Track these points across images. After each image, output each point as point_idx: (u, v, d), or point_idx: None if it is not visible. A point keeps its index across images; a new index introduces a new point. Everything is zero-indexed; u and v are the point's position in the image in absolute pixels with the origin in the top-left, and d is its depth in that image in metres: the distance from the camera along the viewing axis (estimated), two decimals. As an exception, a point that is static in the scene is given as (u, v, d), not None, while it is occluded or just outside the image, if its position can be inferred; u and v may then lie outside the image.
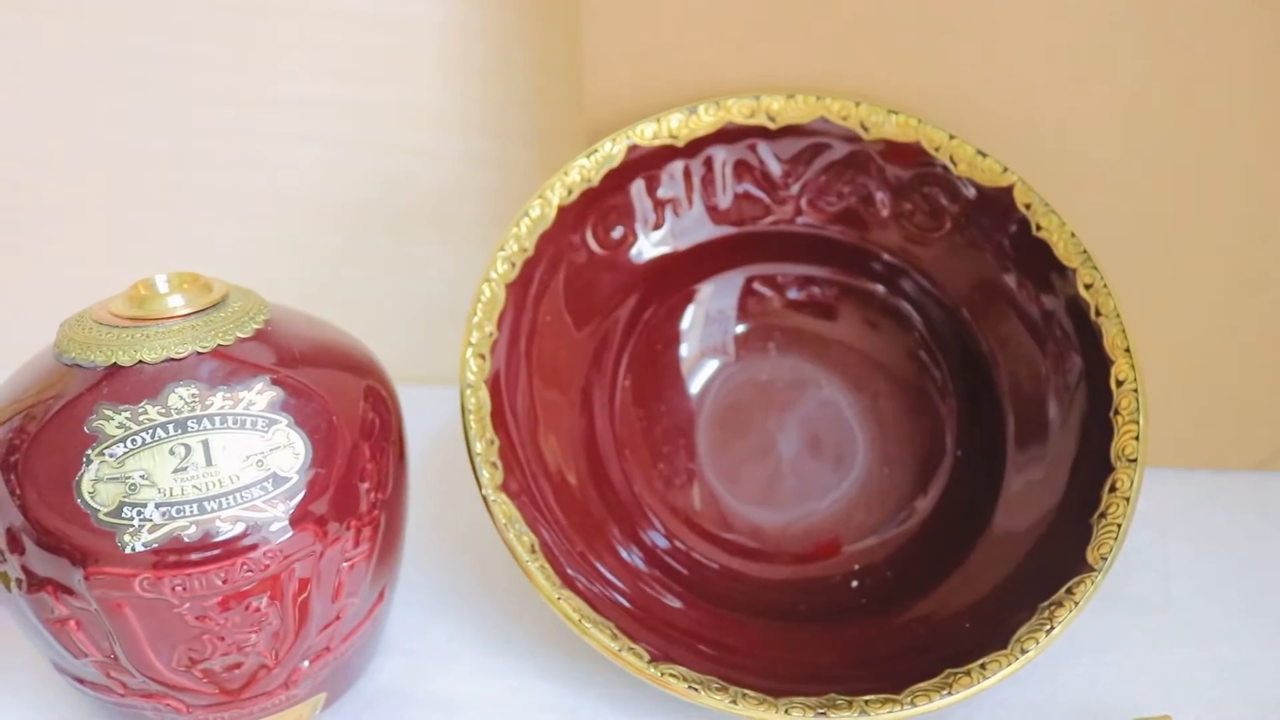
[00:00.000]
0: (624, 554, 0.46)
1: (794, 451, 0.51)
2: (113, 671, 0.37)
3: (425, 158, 0.61)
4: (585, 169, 0.48)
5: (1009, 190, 0.47)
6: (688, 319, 0.52)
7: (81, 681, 0.39)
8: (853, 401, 0.51)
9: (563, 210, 0.47)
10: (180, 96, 0.59)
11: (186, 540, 0.35)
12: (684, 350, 0.52)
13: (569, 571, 0.42)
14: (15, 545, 0.36)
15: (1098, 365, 0.45)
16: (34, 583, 0.36)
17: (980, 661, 0.41)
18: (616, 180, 0.49)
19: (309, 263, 0.46)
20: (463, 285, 0.62)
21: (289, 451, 0.37)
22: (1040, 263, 0.47)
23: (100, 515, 0.35)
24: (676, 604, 0.45)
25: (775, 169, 0.50)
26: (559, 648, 0.46)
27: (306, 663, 0.39)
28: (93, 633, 0.36)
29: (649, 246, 0.50)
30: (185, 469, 0.35)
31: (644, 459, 0.50)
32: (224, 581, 0.35)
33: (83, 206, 0.62)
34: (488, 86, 0.59)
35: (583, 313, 0.49)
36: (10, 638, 0.46)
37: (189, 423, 0.36)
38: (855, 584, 0.48)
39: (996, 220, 0.48)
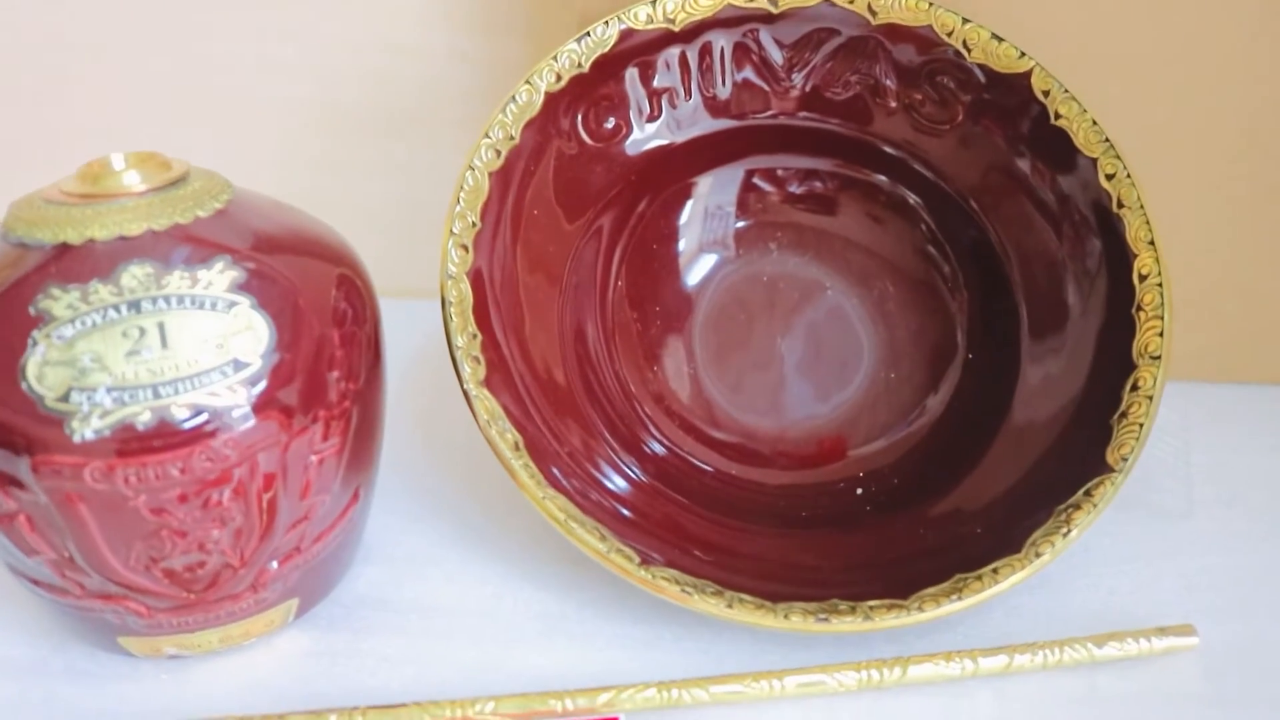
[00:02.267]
0: (616, 457, 0.43)
1: (796, 355, 0.48)
2: (68, 571, 0.35)
3: (410, 55, 0.58)
4: (575, 54, 0.45)
5: (1026, 76, 0.44)
6: (685, 215, 0.49)
7: (37, 583, 0.36)
8: (857, 301, 0.48)
9: (551, 97, 0.44)
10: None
11: (140, 427, 0.33)
12: (680, 247, 0.49)
13: (554, 471, 0.39)
14: (-42, 435, 0.33)
15: (1120, 260, 0.42)
16: (-20, 475, 0.33)
17: (992, 566, 0.39)
18: (609, 67, 0.46)
19: (287, 166, 0.44)
20: (448, 191, 0.59)
21: (251, 335, 0.34)
22: (1058, 151, 0.44)
23: (47, 401, 0.32)
24: (670, 509, 0.43)
25: (777, 56, 0.47)
26: (544, 553, 0.44)
27: (275, 564, 0.37)
28: (44, 529, 0.34)
29: (643, 138, 0.47)
30: (139, 352, 0.33)
31: (638, 360, 0.47)
32: (181, 472, 0.33)
33: (46, 102, 0.59)
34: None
35: (573, 206, 0.46)
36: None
37: (143, 303, 0.33)
38: (860, 490, 0.46)
39: (1012, 109, 0.45)
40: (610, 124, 0.47)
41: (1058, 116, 0.44)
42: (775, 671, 0.37)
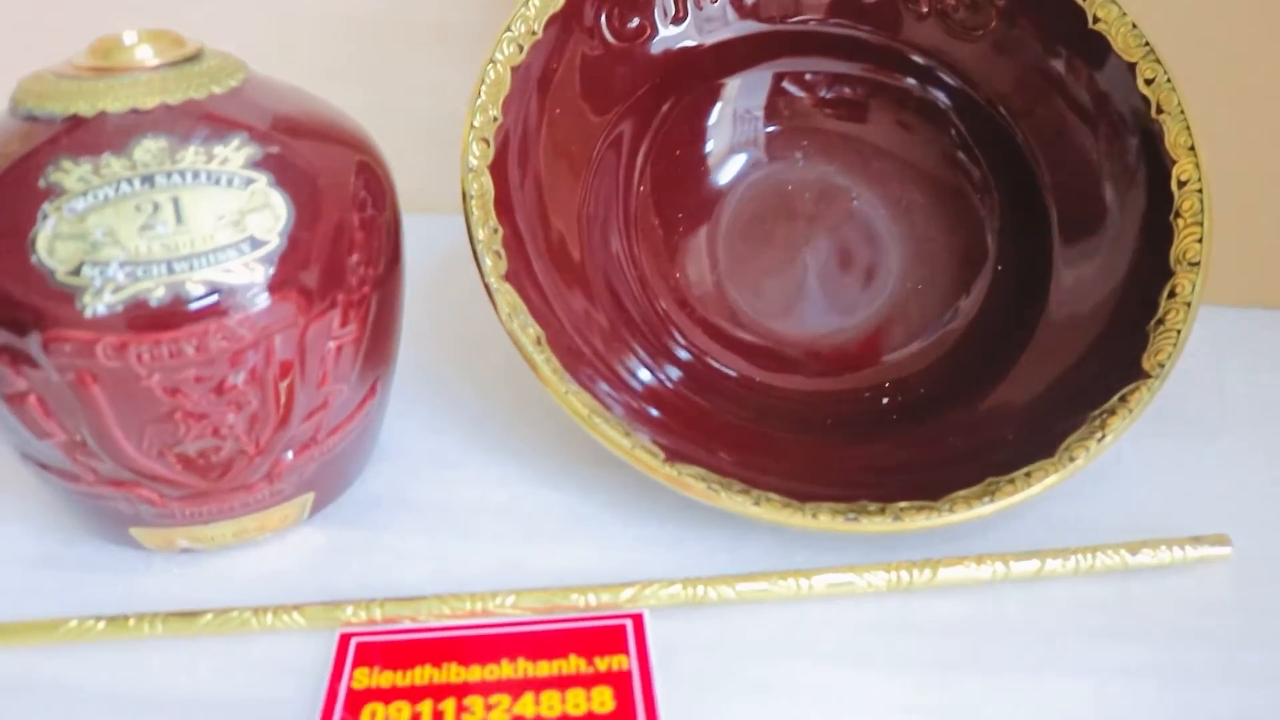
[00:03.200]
0: (639, 358, 0.42)
1: (821, 262, 0.47)
2: (80, 456, 0.34)
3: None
4: (601, -52, 0.43)
5: (1064, -23, 0.43)
6: (711, 118, 0.48)
7: (47, 468, 0.35)
8: (884, 209, 0.47)
9: (575, -9, 0.43)
10: None
11: (154, 303, 0.32)
12: (706, 151, 0.48)
13: (578, 367, 0.38)
14: (-32, 309, 0.32)
15: (1158, 166, 0.41)
16: (-10, 353, 0.32)
17: (1025, 470, 0.38)
18: (636, -37, 0.44)
19: (310, 79, 0.42)
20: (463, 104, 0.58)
21: (269, 213, 0.33)
22: (1096, 53, 0.42)
23: (58, 275, 0.31)
24: (694, 411, 0.42)
25: (807, -44, 0.46)
26: (565, 455, 0.43)
27: (290, 454, 0.36)
28: (56, 410, 0.33)
29: (669, 39, 0.46)
30: (153, 227, 0.32)
31: (661, 264, 0.46)
32: (196, 350, 0.32)
33: None
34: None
35: (595, 106, 0.45)
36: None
37: (157, 177, 0.32)
38: (886, 400, 0.45)
39: (1048, 12, 0.43)
40: (635, 23, 0.46)
41: (1096, 20, 0.43)
42: (803, 570, 0.36)
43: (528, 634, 0.34)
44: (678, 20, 0.46)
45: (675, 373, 0.44)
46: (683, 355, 0.45)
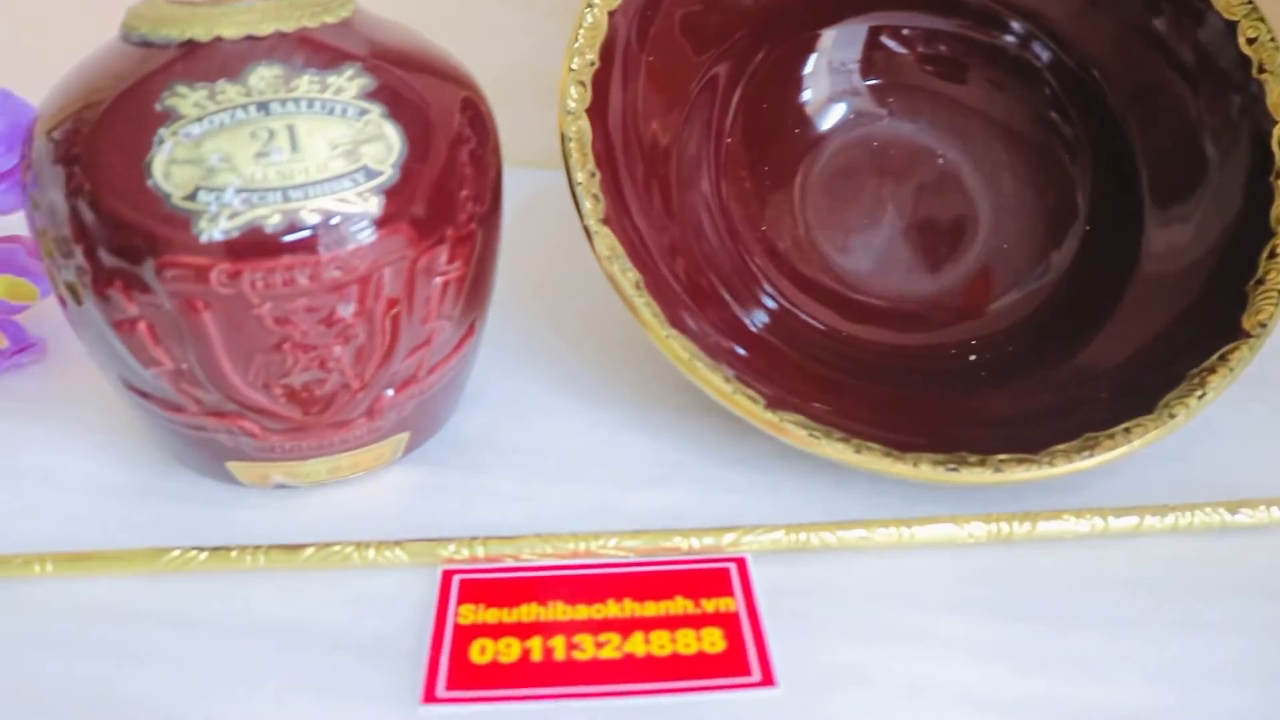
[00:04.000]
0: (732, 308, 0.42)
1: (908, 219, 0.46)
2: (185, 385, 0.34)
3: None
4: (698, -109, 0.43)
5: (1162, -69, 0.42)
6: (806, 68, 0.47)
7: (148, 397, 0.35)
8: (973, 167, 0.47)
9: (672, -65, 0.42)
10: None
11: (269, 230, 0.31)
12: (798, 104, 0.48)
13: (677, 311, 0.38)
14: (81, 236, 0.32)
15: (1258, 127, 0.40)
16: (102, 278, 0.32)
17: (1124, 425, 0.37)
18: (731, -91, 0.44)
19: None
20: (550, 56, 0.57)
21: (382, 144, 0.33)
22: (1195, 12, 0.42)
23: (174, 200, 0.31)
24: (786, 362, 0.41)
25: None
26: (656, 399, 0.42)
27: (391, 391, 0.36)
28: (165, 338, 0.33)
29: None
30: (268, 154, 0.32)
31: (750, 213, 0.46)
32: (310, 280, 0.32)
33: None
34: None
35: (688, 54, 0.44)
36: (80, 379, 0.43)
37: (272, 105, 0.32)
38: (973, 357, 0.44)
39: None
40: (728, -30, 0.45)
41: (1194, -26, 0.42)
42: (904, 520, 0.36)
43: (631, 575, 0.34)
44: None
45: (763, 322, 0.43)
46: (770, 305, 0.44)
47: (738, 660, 0.31)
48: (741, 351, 0.40)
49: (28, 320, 0.46)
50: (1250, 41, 0.41)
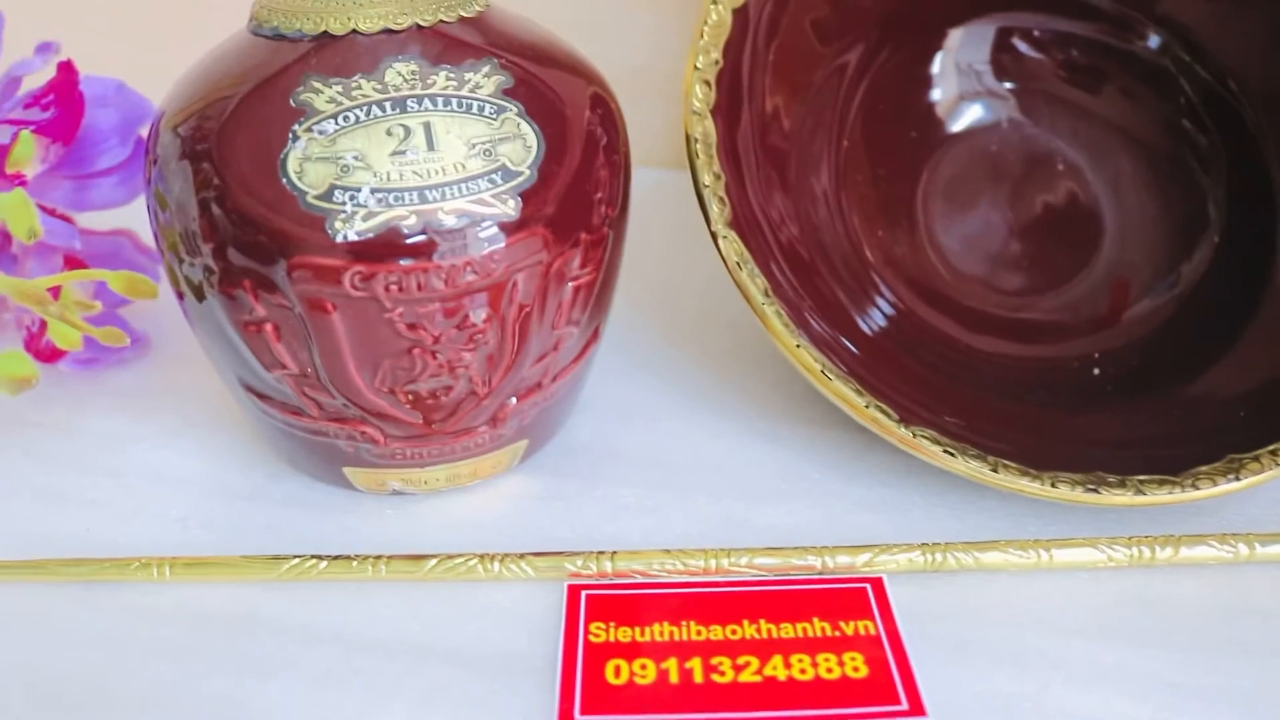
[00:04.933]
0: (850, 313, 0.41)
1: (1031, 227, 0.45)
2: (308, 389, 0.33)
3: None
4: (823, -115, 0.41)
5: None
6: (933, 67, 0.46)
7: (267, 400, 0.34)
8: (1099, 176, 0.45)
9: (797, -67, 0.41)
10: None
11: (405, 232, 0.30)
12: (920, 106, 0.46)
13: (807, 319, 0.37)
14: (211, 234, 0.31)
15: None
16: (230, 278, 0.31)
17: (1270, 448, 0.35)
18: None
19: None
20: (633, 48, 0.56)
21: (520, 143, 0.32)
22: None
23: (308, 198, 0.30)
24: (909, 373, 0.40)
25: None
26: (776, 410, 0.41)
27: (515, 399, 0.35)
28: (290, 340, 0.32)
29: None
30: (404, 152, 0.30)
31: (869, 218, 0.45)
32: (445, 284, 0.31)
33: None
34: None
35: (810, 53, 0.43)
36: (189, 375, 0.42)
37: (409, 102, 0.31)
38: (1097, 371, 0.43)
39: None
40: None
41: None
42: (1043, 541, 0.35)
43: (764, 594, 0.33)
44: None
45: (883, 330, 0.42)
46: (889, 311, 0.43)
47: (884, 687, 0.30)
48: (862, 358, 0.38)
49: (130, 315, 0.45)
50: None
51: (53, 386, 0.43)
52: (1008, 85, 0.46)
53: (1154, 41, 0.44)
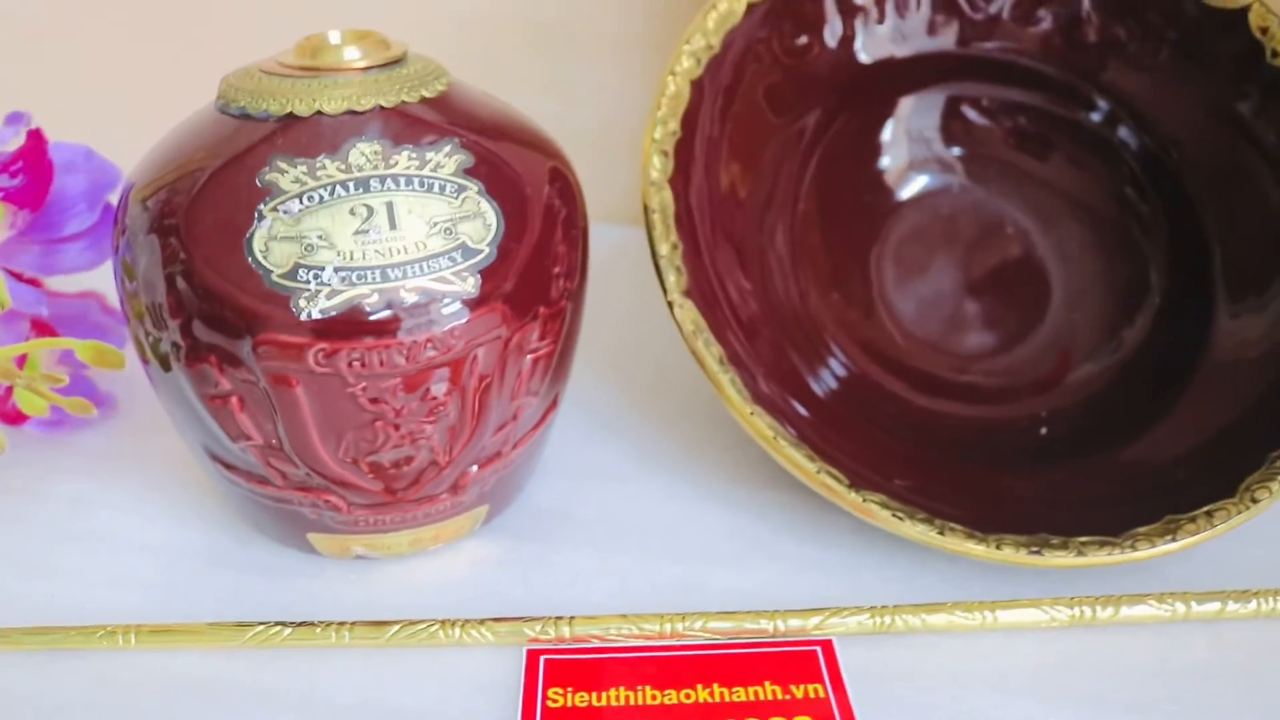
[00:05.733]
0: (804, 376, 0.42)
1: (980, 290, 0.46)
2: (273, 460, 0.34)
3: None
4: (777, -35, 0.43)
5: (1242, 12, 0.42)
6: (883, 136, 0.47)
7: (233, 470, 0.35)
8: (1046, 240, 0.47)
9: (751, 7, 0.43)
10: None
11: (368, 310, 0.31)
12: (872, 172, 0.48)
13: (760, 386, 0.38)
14: (178, 309, 0.32)
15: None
16: (196, 353, 0.32)
17: (1205, 509, 0.37)
18: (808, -19, 0.44)
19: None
20: (602, 111, 0.58)
21: (480, 221, 0.33)
22: (1274, 93, 0.42)
23: (273, 277, 0.31)
24: (861, 435, 0.41)
25: (975, -19, 0.45)
26: (732, 474, 0.42)
27: (476, 467, 0.36)
28: (255, 413, 0.33)
29: (837, 58, 0.45)
30: (367, 232, 0.32)
31: (821, 283, 0.46)
32: (407, 360, 0.32)
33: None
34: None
35: (765, 123, 0.44)
36: (155, 437, 0.43)
37: (372, 182, 0.32)
38: (1044, 430, 0.44)
39: (1225, 46, 0.43)
40: (803, 40, 0.45)
41: (1275, 55, 0.42)
42: (988, 602, 0.36)
43: (718, 657, 0.34)
44: (847, 38, 0.46)
45: (836, 393, 0.43)
46: (842, 374, 0.44)
47: (833, 751, 0.31)
48: (815, 423, 0.40)
49: (97, 376, 0.45)
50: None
51: (18, 449, 0.43)
52: (957, 152, 0.47)
53: (1099, 111, 0.46)
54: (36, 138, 0.41)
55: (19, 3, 0.60)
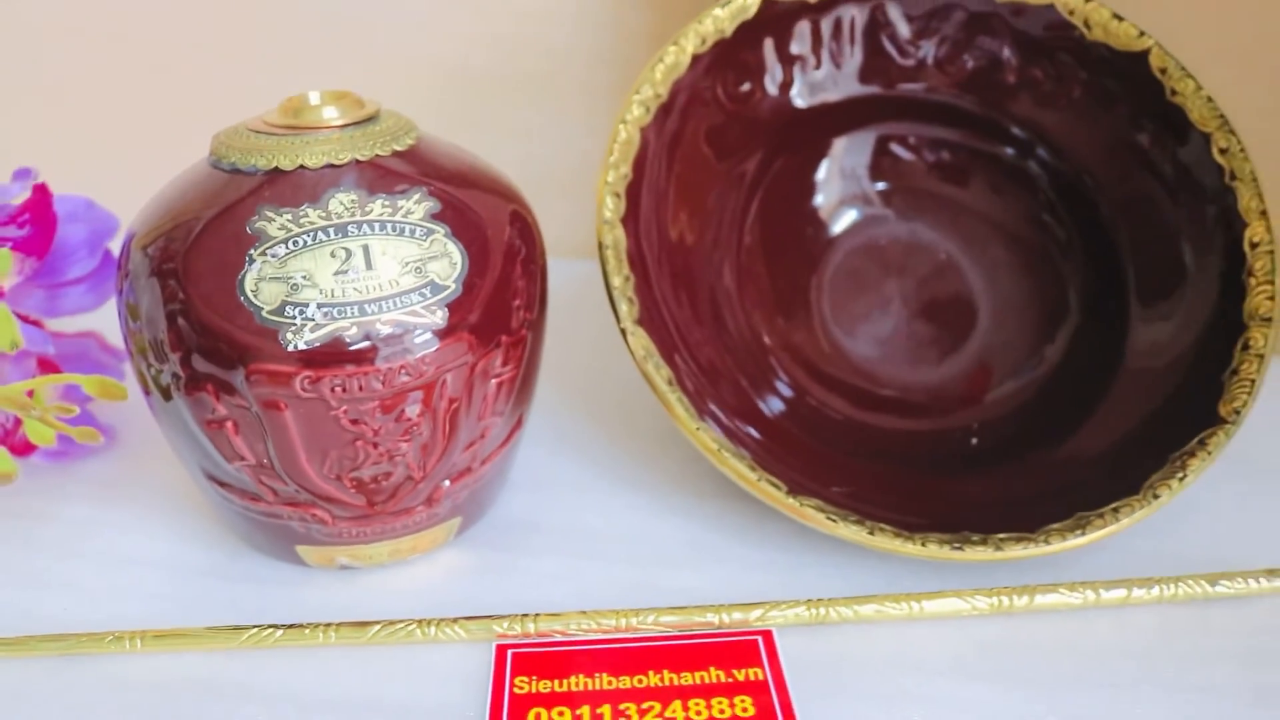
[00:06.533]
0: (751, 397, 0.46)
1: (914, 313, 0.51)
2: (264, 478, 0.38)
3: (538, 20, 0.61)
4: (719, 19, 0.47)
5: (1144, 55, 0.47)
6: (819, 174, 0.52)
7: (228, 488, 0.39)
8: (974, 265, 0.51)
9: (696, 58, 0.47)
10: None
11: (347, 341, 0.35)
12: (811, 206, 0.52)
13: (706, 404, 0.42)
14: (178, 344, 0.36)
15: (1231, 230, 0.45)
16: (194, 382, 0.36)
17: (1112, 506, 0.41)
18: (749, 34, 0.48)
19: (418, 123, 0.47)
20: (567, 155, 0.62)
21: (446, 261, 0.37)
22: (1175, 125, 0.46)
23: (263, 313, 0.35)
24: (803, 448, 0.45)
25: (904, 30, 0.50)
26: (687, 486, 0.46)
27: (448, 482, 0.40)
28: (249, 435, 0.37)
29: (777, 103, 0.50)
30: (346, 272, 0.36)
31: (767, 310, 0.50)
32: (382, 384, 0.36)
33: (185, 57, 0.62)
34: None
35: (712, 165, 0.49)
36: (151, 465, 0.47)
37: (349, 227, 0.36)
38: (976, 440, 0.48)
39: (1129, 85, 0.47)
40: (746, 87, 0.50)
41: (1174, 94, 0.46)
42: (914, 594, 0.40)
43: (668, 648, 0.38)
44: (786, 85, 0.50)
45: (782, 411, 0.47)
46: (788, 394, 0.48)
47: (769, 725, 0.35)
48: (761, 438, 0.44)
49: (97, 409, 0.49)
50: (1222, 151, 0.45)
51: (26, 478, 0.47)
52: (886, 186, 0.52)
53: (1017, 144, 0.50)
54: (42, 191, 0.45)
55: (27, 71, 0.65)
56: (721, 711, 0.35)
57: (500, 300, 0.38)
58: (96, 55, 0.64)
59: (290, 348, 0.35)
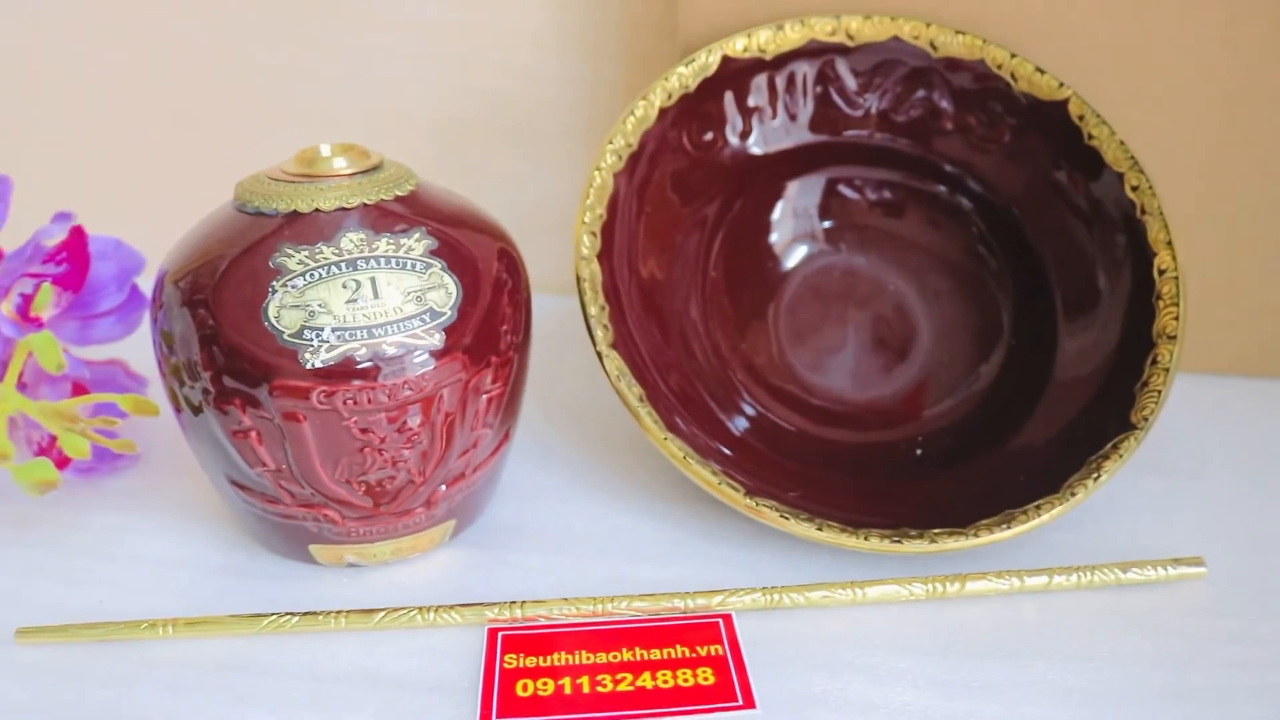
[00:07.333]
0: (718, 415, 0.52)
1: (863, 337, 0.56)
2: (283, 482, 0.43)
3: (522, 77, 0.67)
4: (684, 76, 0.53)
5: (1064, 103, 0.53)
6: (775, 214, 0.57)
7: (250, 492, 0.44)
8: (916, 293, 0.57)
9: (663, 111, 0.53)
10: (291, 9, 0.66)
11: (358, 360, 0.41)
12: (769, 242, 0.58)
13: (673, 418, 0.48)
14: (210, 363, 0.41)
15: (1142, 257, 0.51)
16: (223, 397, 0.42)
17: (1035, 504, 0.47)
18: (711, 88, 0.54)
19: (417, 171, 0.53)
20: (552, 197, 0.68)
21: (443, 291, 0.42)
22: (1091, 165, 0.52)
23: (285, 336, 0.41)
24: (762, 458, 0.51)
25: (851, 83, 0.56)
26: (658, 493, 0.52)
27: (445, 486, 0.45)
28: (270, 444, 0.42)
29: (737, 150, 0.56)
30: (356, 300, 0.41)
31: (731, 337, 0.55)
32: (388, 397, 0.41)
33: (200, 114, 0.68)
34: (584, 12, 0.65)
35: (678, 206, 0.54)
36: (172, 478, 0.52)
37: (359, 262, 0.42)
38: (919, 451, 0.54)
39: (1051, 130, 0.53)
40: (709, 136, 0.55)
41: (1090, 138, 0.53)
42: (858, 582, 0.45)
43: (639, 629, 0.43)
44: (745, 134, 0.56)
45: (743, 426, 0.53)
46: (750, 411, 0.54)
47: (725, 690, 0.40)
48: (726, 451, 0.49)
49: (120, 430, 0.55)
50: (1134, 189, 0.51)
51: (59, 492, 0.52)
52: (833, 224, 0.58)
53: (951, 182, 0.56)
54: (78, 232, 0.51)
55: (68, 126, 0.71)
56: (686, 680, 0.40)
57: (490, 326, 0.44)
58: (125, 113, 0.70)
59: (308, 366, 0.40)
